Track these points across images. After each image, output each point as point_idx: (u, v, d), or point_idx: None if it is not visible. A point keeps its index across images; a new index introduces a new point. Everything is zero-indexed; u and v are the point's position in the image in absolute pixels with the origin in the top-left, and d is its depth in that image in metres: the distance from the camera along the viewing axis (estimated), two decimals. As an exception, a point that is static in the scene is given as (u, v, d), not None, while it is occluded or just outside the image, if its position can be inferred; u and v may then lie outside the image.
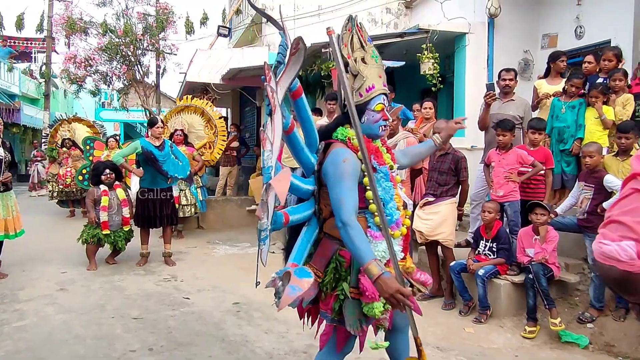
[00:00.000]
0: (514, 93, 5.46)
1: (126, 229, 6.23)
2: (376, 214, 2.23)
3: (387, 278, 1.97)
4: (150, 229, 6.33)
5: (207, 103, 9.21)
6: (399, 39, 7.52)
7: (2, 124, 5.64)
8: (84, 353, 3.62)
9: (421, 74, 7.38)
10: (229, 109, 15.15)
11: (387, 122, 2.33)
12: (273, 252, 2.62)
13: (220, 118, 9.28)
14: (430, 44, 7.28)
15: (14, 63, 19.25)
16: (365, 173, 2.22)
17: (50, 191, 10.45)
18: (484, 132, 5.60)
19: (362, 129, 2.25)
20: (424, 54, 7.23)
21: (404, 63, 4.35)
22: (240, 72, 9.30)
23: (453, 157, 4.82)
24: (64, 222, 9.92)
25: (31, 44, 21.62)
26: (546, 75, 5.82)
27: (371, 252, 2.06)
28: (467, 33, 7.59)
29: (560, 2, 7.34)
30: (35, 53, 22.59)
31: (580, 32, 7.01)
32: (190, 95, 9.58)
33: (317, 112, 8.46)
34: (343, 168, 2.16)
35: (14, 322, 4.19)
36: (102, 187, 6.16)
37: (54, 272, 5.85)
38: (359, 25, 2.35)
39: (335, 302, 2.27)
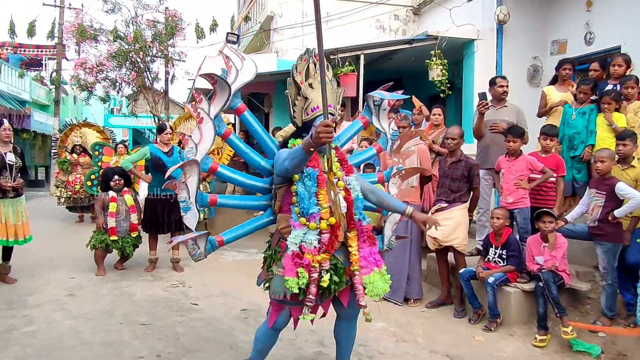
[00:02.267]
0: (506, 99, 5.46)
1: (134, 235, 6.24)
2: (296, 206, 2.74)
3: (318, 124, 2.37)
4: (159, 235, 6.34)
5: (215, 109, 9.24)
6: (407, 46, 7.53)
7: (13, 129, 5.67)
8: (92, 359, 3.62)
9: (430, 80, 7.37)
10: (236, 116, 15.20)
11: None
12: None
13: (228, 124, 9.29)
14: (439, 51, 7.28)
15: (25, 70, 19.45)
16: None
17: (59, 197, 10.50)
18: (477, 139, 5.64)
19: None
20: (433, 61, 7.23)
21: (407, 97, 4.66)
22: (248, 79, 9.32)
23: (466, 164, 4.83)
24: (72, 227, 9.96)
25: (42, 51, 21.83)
26: (554, 81, 5.80)
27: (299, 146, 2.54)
28: (476, 39, 7.59)
29: (569, 8, 7.32)
30: (45, 60, 22.80)
31: (590, 38, 6.98)
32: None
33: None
34: (283, 150, 2.80)
35: (22, 328, 4.19)
36: (111, 193, 6.19)
37: (63, 277, 5.86)
38: (317, 56, 2.72)
39: (272, 279, 2.80)
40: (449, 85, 7.37)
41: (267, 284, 2.87)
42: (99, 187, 7.35)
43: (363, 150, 3.68)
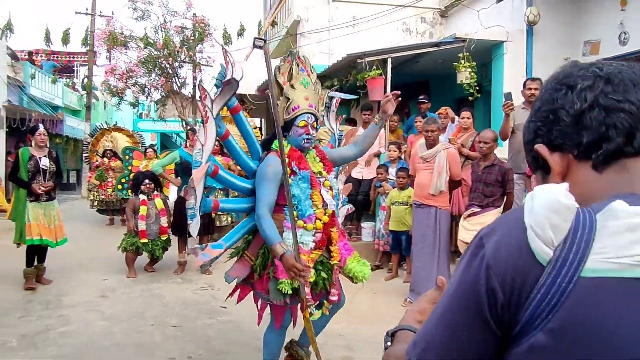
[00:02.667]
0: None
1: (164, 237, 6.35)
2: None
3: (287, 256, 2.59)
4: (187, 238, 6.42)
5: (242, 113, 9.33)
6: (435, 49, 7.46)
7: (47, 134, 5.80)
8: (125, 360, 3.69)
9: (458, 83, 7.29)
10: (263, 119, 15.33)
11: (310, 136, 2.87)
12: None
13: (255, 128, 9.38)
14: (467, 53, 7.19)
15: (58, 76, 19.99)
16: (292, 177, 2.83)
17: (91, 200, 10.74)
18: (506, 141, 5.55)
19: (290, 141, 2.88)
20: (461, 63, 7.15)
21: (356, 97, 5.05)
22: (275, 83, 9.38)
23: (500, 169, 4.76)
24: (103, 230, 10.17)
25: (74, 57, 22.42)
26: None
27: (278, 237, 2.67)
28: (505, 41, 7.48)
29: (603, 7, 7.15)
30: (77, 66, 23.40)
31: (624, 39, 6.80)
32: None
33: (352, 122, 8.44)
34: (266, 172, 2.78)
35: (58, 328, 4.31)
36: (142, 196, 6.30)
37: (96, 279, 5.99)
38: (301, 58, 2.99)
39: (269, 283, 2.84)
40: (477, 87, 7.27)
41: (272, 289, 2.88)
42: (129, 190, 7.50)
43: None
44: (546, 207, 0.71)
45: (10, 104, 13.70)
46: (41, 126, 5.73)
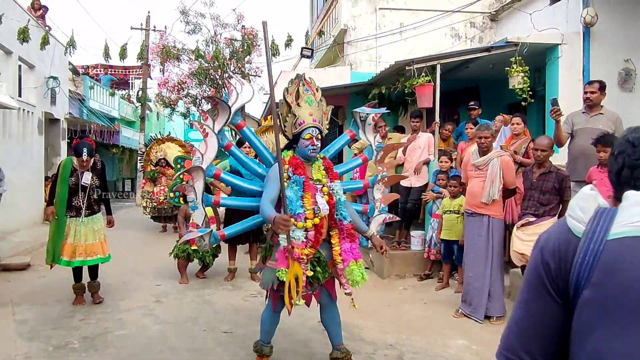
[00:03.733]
0: (601, 106, 5.10)
1: (214, 245, 6.46)
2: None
3: (278, 216, 2.90)
4: (237, 245, 6.52)
5: (290, 122, 9.43)
6: (485, 54, 7.30)
7: (91, 157, 5.27)
8: (179, 364, 3.77)
9: (510, 88, 7.09)
10: (237, 130, 15.40)
11: (315, 146, 3.30)
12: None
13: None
14: (519, 57, 6.99)
15: (115, 89, 20.92)
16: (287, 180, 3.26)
17: (144, 207, 11.12)
18: (562, 147, 5.35)
19: (298, 151, 3.35)
20: (513, 68, 6.95)
21: (387, 111, 5.25)
22: (322, 92, 9.44)
23: (557, 175, 4.59)
24: (156, 236, 10.49)
25: (129, 71, 23.40)
26: None
27: (273, 212, 3.04)
28: (560, 44, 7.22)
29: (666, 6, 6.80)
30: (132, 79, 24.40)
31: (690, 38, 6.44)
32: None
33: (400, 129, 8.37)
34: (269, 175, 3.28)
35: (116, 331, 4.46)
36: (193, 204, 6.45)
37: (150, 284, 6.18)
38: (307, 79, 3.47)
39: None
40: (530, 92, 7.05)
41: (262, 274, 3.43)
42: (181, 198, 7.70)
43: (354, 158, 4.18)
44: (577, 198, 1.05)
45: (72, 116, 14.43)
46: (85, 153, 5.12)
